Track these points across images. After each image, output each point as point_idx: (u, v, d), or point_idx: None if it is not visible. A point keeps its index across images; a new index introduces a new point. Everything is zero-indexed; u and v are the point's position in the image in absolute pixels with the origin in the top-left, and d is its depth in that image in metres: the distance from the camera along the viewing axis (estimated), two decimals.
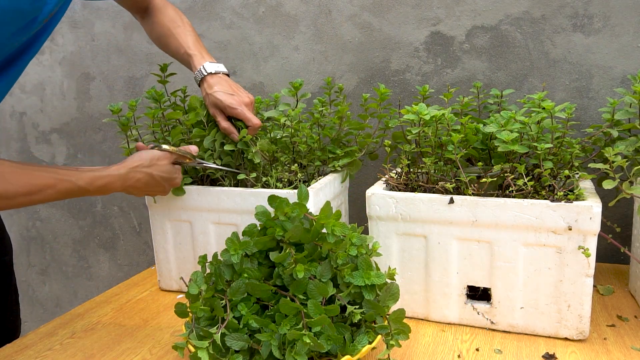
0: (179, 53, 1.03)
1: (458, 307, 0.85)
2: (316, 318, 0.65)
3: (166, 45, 1.06)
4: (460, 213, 0.81)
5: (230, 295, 0.70)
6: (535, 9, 1.13)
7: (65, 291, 1.80)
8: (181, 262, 1.04)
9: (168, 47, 1.05)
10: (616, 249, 1.14)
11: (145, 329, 0.91)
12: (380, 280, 0.70)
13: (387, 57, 1.25)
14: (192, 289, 0.73)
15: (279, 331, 0.66)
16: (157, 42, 1.09)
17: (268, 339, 0.66)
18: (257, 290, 0.71)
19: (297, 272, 0.68)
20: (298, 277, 0.68)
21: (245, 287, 0.71)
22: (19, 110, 1.69)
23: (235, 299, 0.70)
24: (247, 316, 0.69)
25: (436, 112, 0.85)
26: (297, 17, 1.31)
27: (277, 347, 0.66)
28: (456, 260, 0.83)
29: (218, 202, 0.95)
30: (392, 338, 0.70)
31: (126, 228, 1.66)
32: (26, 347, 0.86)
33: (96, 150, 1.63)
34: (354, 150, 1.03)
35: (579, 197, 0.78)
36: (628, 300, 0.94)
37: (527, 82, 1.16)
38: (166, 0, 1.10)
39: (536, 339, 0.80)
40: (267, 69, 1.37)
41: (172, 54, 1.06)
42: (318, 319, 0.65)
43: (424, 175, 0.92)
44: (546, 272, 0.78)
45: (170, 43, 1.04)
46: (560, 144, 0.86)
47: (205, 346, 0.65)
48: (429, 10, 1.20)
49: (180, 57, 1.04)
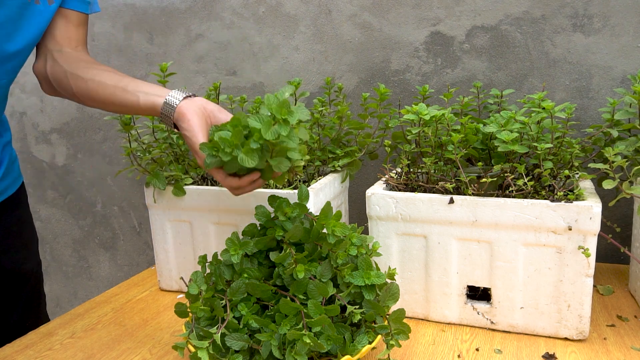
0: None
1: (458, 307, 0.85)
2: (316, 318, 0.65)
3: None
4: (460, 213, 0.81)
5: (230, 295, 0.70)
6: (535, 9, 1.13)
7: (65, 291, 1.80)
8: (181, 262, 1.04)
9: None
10: (616, 249, 1.14)
11: (145, 329, 0.91)
12: (380, 280, 0.70)
13: (387, 57, 1.25)
14: (192, 289, 0.73)
15: (279, 331, 0.66)
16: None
17: (268, 339, 0.66)
18: (257, 290, 0.71)
19: (298, 272, 0.68)
20: (298, 277, 0.68)
21: (245, 287, 0.71)
22: (19, 110, 1.69)
23: (235, 299, 0.70)
24: (247, 316, 0.69)
25: (436, 112, 0.85)
26: (297, 17, 1.32)
27: (277, 347, 0.66)
28: (456, 260, 0.83)
29: (218, 202, 0.95)
30: (392, 338, 0.70)
31: (126, 228, 1.66)
32: (26, 347, 0.86)
33: (96, 150, 1.63)
34: (354, 150, 1.03)
35: (579, 197, 0.78)
36: (628, 300, 0.94)
37: (527, 82, 1.16)
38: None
39: (536, 339, 0.80)
40: (267, 69, 1.37)
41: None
42: (318, 319, 0.65)
43: (424, 175, 0.92)
44: (546, 272, 0.78)
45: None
46: (560, 144, 0.86)
47: (205, 346, 0.65)
48: (429, 10, 1.20)
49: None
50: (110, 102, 0.83)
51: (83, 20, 0.94)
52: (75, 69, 0.86)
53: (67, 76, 0.86)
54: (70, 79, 0.85)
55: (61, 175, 1.69)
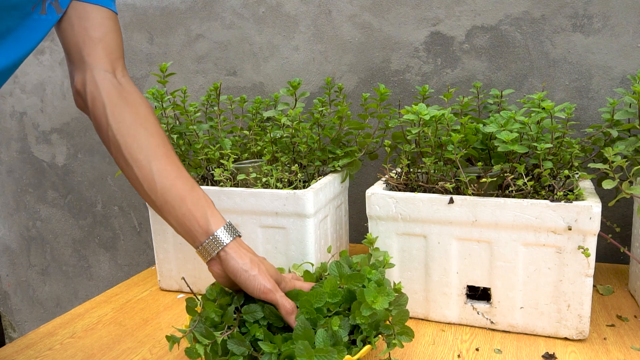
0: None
1: (458, 307, 0.85)
2: (324, 349, 0.64)
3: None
4: (460, 213, 0.81)
5: (244, 313, 0.69)
6: (535, 9, 1.13)
7: (66, 291, 1.81)
8: (181, 262, 1.04)
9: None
10: (616, 248, 1.14)
11: (145, 329, 0.92)
12: (390, 298, 0.69)
13: (387, 57, 1.26)
14: (209, 294, 0.73)
15: (282, 348, 0.65)
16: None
17: (271, 350, 0.65)
18: (273, 317, 0.69)
19: (333, 325, 0.66)
20: (333, 330, 0.66)
21: (261, 311, 0.69)
22: (19, 110, 1.69)
23: (247, 318, 0.69)
24: (254, 329, 0.68)
25: (436, 112, 0.85)
26: (297, 17, 1.32)
27: (276, 354, 0.66)
28: (456, 260, 0.83)
29: (218, 202, 0.95)
30: (394, 337, 0.70)
31: (126, 228, 1.66)
32: (26, 347, 0.87)
33: (96, 150, 1.63)
34: (354, 150, 1.04)
35: (578, 197, 0.78)
36: (628, 300, 0.94)
37: (527, 82, 1.16)
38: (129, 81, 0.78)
39: (536, 339, 0.80)
40: (267, 69, 1.37)
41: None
42: (324, 350, 0.64)
43: (423, 175, 0.92)
44: (546, 272, 0.78)
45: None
46: (560, 144, 0.86)
47: (206, 343, 0.65)
48: (429, 10, 1.20)
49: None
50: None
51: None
52: (121, 127, 0.71)
53: (109, 128, 0.72)
54: (111, 133, 0.72)
55: (61, 175, 1.69)
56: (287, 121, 1.00)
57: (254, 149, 1.08)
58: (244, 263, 0.68)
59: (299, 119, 1.01)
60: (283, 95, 1.22)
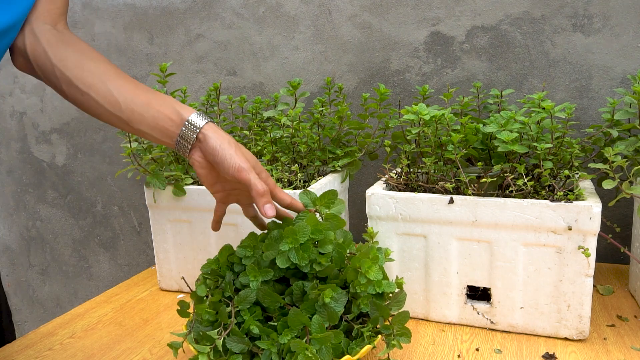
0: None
1: (458, 307, 0.85)
2: (319, 336, 0.64)
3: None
4: (460, 213, 0.81)
5: (237, 303, 0.69)
6: (535, 9, 1.13)
7: (66, 291, 1.80)
8: (181, 262, 1.04)
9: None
10: (616, 249, 1.14)
11: (145, 329, 0.92)
12: (391, 289, 0.69)
13: (387, 57, 1.26)
14: (200, 291, 0.73)
15: (279, 340, 0.65)
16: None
17: (269, 347, 0.65)
18: (267, 298, 0.69)
19: (325, 297, 0.66)
20: (324, 302, 0.66)
21: (256, 293, 0.69)
22: (19, 110, 1.69)
23: (242, 307, 0.69)
24: (248, 321, 0.68)
25: (436, 112, 0.85)
26: (297, 17, 1.32)
27: (276, 353, 0.66)
28: (456, 260, 0.83)
29: None
30: (394, 338, 0.70)
31: (126, 228, 1.66)
32: (26, 347, 0.87)
33: (96, 150, 1.63)
34: (354, 150, 1.04)
35: (578, 197, 0.78)
36: (628, 300, 0.94)
37: (527, 82, 1.16)
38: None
39: (536, 339, 0.80)
40: (267, 69, 1.37)
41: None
42: (321, 338, 0.64)
43: (423, 175, 0.92)
44: (546, 272, 0.78)
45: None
46: (560, 144, 0.86)
47: (206, 351, 0.65)
48: (429, 10, 1.20)
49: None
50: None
51: None
52: (63, 59, 0.73)
53: (54, 68, 0.73)
54: (58, 72, 0.73)
55: (61, 175, 1.69)
56: (287, 121, 1.00)
57: (254, 149, 1.08)
58: (222, 142, 0.69)
59: (299, 119, 1.01)
60: (283, 95, 1.22)
